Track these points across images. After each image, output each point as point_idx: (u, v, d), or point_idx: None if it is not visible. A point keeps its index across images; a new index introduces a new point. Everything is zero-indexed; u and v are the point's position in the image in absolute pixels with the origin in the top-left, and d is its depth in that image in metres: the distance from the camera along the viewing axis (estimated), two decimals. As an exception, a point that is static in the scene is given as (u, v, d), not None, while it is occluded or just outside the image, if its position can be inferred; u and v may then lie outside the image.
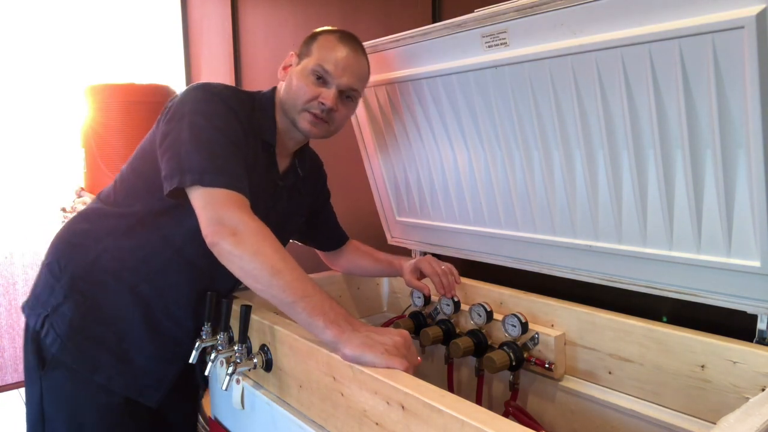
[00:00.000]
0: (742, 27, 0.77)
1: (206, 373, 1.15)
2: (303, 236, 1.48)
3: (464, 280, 1.41)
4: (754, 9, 0.76)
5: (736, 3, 0.78)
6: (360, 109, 1.52)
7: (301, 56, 1.18)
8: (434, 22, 1.49)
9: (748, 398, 0.90)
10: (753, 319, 0.97)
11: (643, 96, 0.94)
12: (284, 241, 1.34)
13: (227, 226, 0.96)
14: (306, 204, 1.38)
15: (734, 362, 0.93)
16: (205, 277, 1.19)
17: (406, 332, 0.92)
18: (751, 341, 0.96)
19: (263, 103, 1.20)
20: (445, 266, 1.32)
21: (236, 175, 1.03)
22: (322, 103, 1.13)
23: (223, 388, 1.07)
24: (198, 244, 1.00)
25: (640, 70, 0.92)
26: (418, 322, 1.41)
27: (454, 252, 1.48)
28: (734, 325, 0.99)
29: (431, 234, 1.53)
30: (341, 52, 1.15)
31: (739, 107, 0.84)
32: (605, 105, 1.00)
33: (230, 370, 1.08)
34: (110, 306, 1.17)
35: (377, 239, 1.73)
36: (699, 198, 0.95)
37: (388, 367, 0.83)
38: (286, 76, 1.19)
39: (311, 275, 1.52)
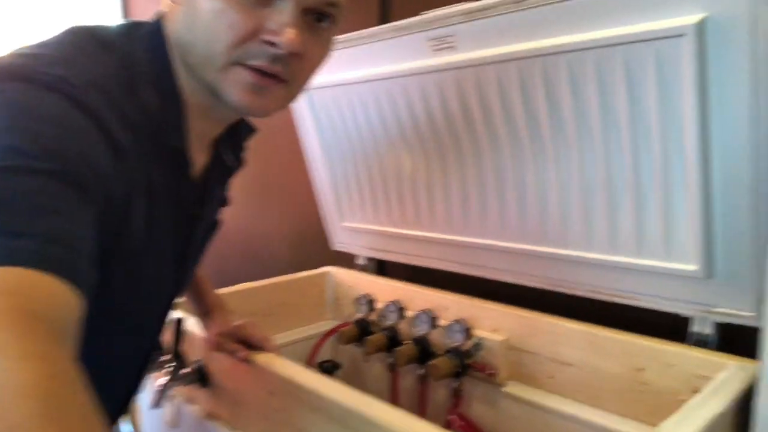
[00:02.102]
0: (683, 35, 0.79)
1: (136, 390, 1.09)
2: None
3: (409, 285, 1.39)
4: (695, 18, 0.78)
5: (677, 11, 0.80)
6: (304, 111, 1.48)
7: None
8: (382, 24, 1.47)
9: (683, 400, 0.92)
10: (686, 320, 0.99)
11: (589, 101, 0.95)
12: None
13: None
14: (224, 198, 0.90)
15: (670, 364, 0.94)
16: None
17: None
18: (685, 343, 0.98)
19: (151, 63, 0.62)
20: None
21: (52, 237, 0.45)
22: (272, 43, 0.58)
23: (154, 405, 1.01)
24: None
25: (585, 75, 0.93)
26: (362, 330, 1.38)
27: (400, 257, 1.46)
28: (668, 327, 1.02)
29: (377, 239, 1.51)
30: None
31: (679, 114, 0.86)
32: (551, 109, 1.01)
33: (161, 385, 1.02)
34: None
35: (321, 244, 1.70)
36: (640, 202, 0.96)
37: None
38: (179, 1, 0.60)
39: (252, 283, 1.48)
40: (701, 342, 0.97)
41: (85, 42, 0.58)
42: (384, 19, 1.52)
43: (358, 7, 1.60)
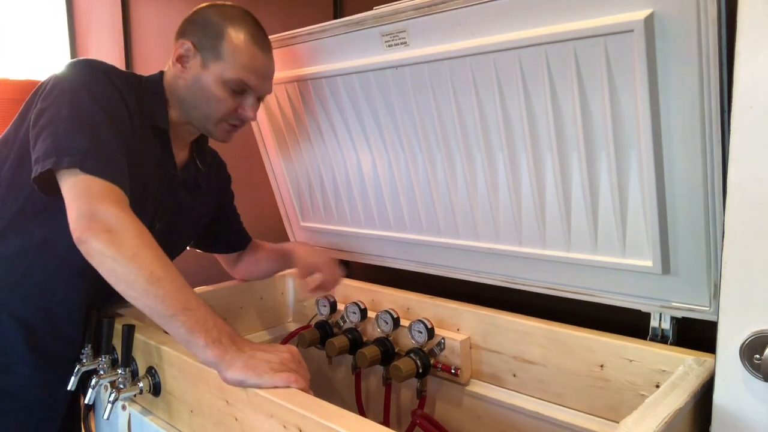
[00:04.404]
0: (632, 30, 0.79)
1: (87, 401, 1.04)
2: (203, 241, 1.36)
3: (371, 286, 1.38)
4: (643, 13, 0.77)
5: (626, 6, 0.79)
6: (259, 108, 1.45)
7: (203, 52, 1.04)
8: (335, 18, 1.44)
9: (644, 395, 0.92)
10: (646, 317, 0.99)
11: (540, 98, 0.94)
12: (184, 239, 1.26)
13: (101, 222, 0.82)
14: (210, 202, 1.27)
15: (630, 360, 0.94)
16: (99, 288, 1.03)
17: (293, 347, 0.87)
18: (645, 339, 0.98)
19: (151, 87, 1.07)
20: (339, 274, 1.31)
21: (120, 167, 0.91)
22: (244, 115, 1.07)
23: (105, 416, 0.97)
24: None
25: (536, 71, 0.92)
26: (324, 332, 1.35)
27: (360, 257, 1.44)
28: (629, 323, 1.02)
29: (337, 239, 1.48)
30: (261, 60, 1.06)
31: (630, 109, 0.86)
32: (504, 107, 0.99)
33: (112, 396, 0.98)
34: None
35: (282, 245, 1.66)
36: (595, 200, 0.96)
37: (276, 387, 0.78)
38: (185, 73, 1.05)
39: (211, 286, 1.44)
40: (661, 338, 0.98)
41: (122, 71, 1.04)
42: (338, 14, 1.49)
43: (313, 1, 1.57)
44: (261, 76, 1.07)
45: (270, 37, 1.28)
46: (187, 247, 1.32)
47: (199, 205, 1.22)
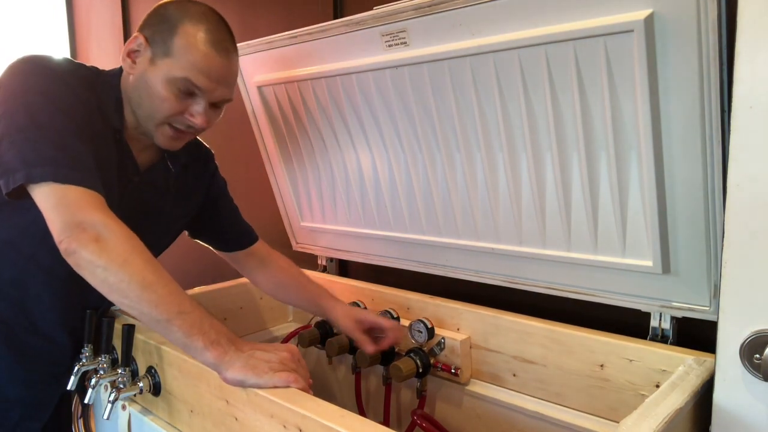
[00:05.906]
0: (632, 30, 0.79)
1: (87, 401, 1.04)
2: (196, 234, 1.27)
3: (371, 285, 1.37)
4: (643, 13, 0.78)
5: (626, 6, 0.79)
6: (259, 108, 1.45)
7: (154, 47, 0.94)
8: (336, 18, 1.44)
9: (644, 395, 0.92)
10: (646, 316, 0.99)
11: (540, 97, 0.94)
12: (159, 241, 1.17)
13: (88, 231, 0.79)
14: (191, 202, 1.19)
15: (630, 360, 0.94)
16: (71, 287, 1.01)
17: (293, 346, 0.86)
18: (645, 338, 0.98)
19: (108, 82, 1.00)
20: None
21: (91, 170, 0.87)
22: (191, 121, 0.97)
23: (105, 416, 0.97)
24: (53, 249, 0.81)
25: (537, 71, 0.92)
26: (324, 332, 1.35)
27: (360, 257, 1.44)
28: (629, 323, 1.02)
29: (337, 239, 1.48)
30: (215, 61, 0.94)
31: (630, 109, 0.86)
32: (504, 107, 1.00)
33: (112, 396, 0.98)
34: None
35: (282, 245, 1.66)
36: (595, 199, 0.96)
37: (275, 386, 0.77)
38: (133, 69, 0.97)
39: (211, 286, 1.44)
40: (661, 337, 0.98)
41: (77, 65, 1.00)
42: (338, 14, 1.49)
43: (312, 1, 1.57)
44: (213, 79, 0.95)
45: (270, 37, 1.28)
46: (191, 238, 1.28)
47: (172, 207, 1.14)
